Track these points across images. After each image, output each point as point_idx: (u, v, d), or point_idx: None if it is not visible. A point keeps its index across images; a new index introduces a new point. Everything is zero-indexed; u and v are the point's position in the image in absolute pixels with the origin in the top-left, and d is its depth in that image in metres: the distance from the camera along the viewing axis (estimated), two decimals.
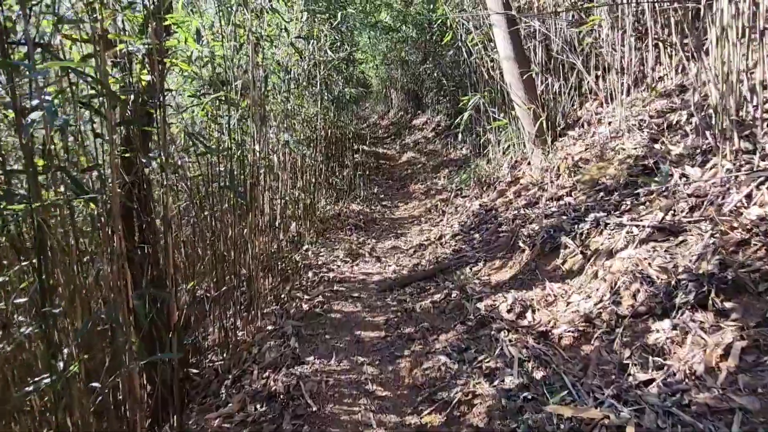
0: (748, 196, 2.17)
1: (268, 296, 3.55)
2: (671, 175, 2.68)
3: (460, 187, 6.01)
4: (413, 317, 2.94)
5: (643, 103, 3.80)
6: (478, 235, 4.13)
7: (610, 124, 3.92)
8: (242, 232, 3.26)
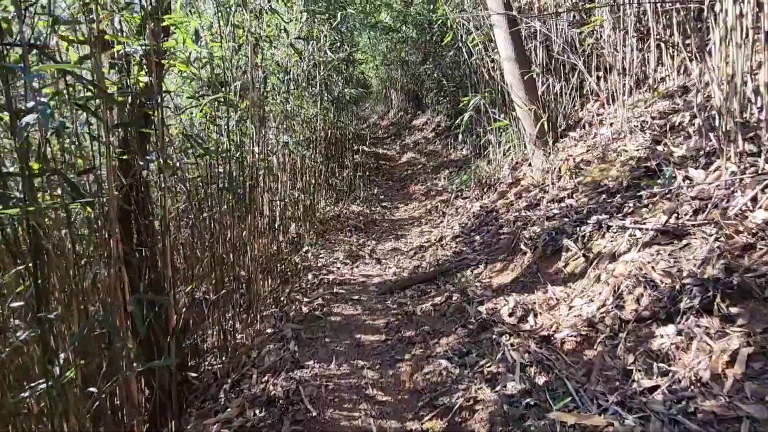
0: (753, 199, 2.14)
1: (267, 299, 3.53)
2: (674, 177, 2.66)
3: (460, 188, 5.98)
4: (414, 320, 2.92)
5: (645, 104, 3.77)
6: (478, 237, 4.10)
7: (611, 125, 3.89)
8: (241, 233, 3.24)
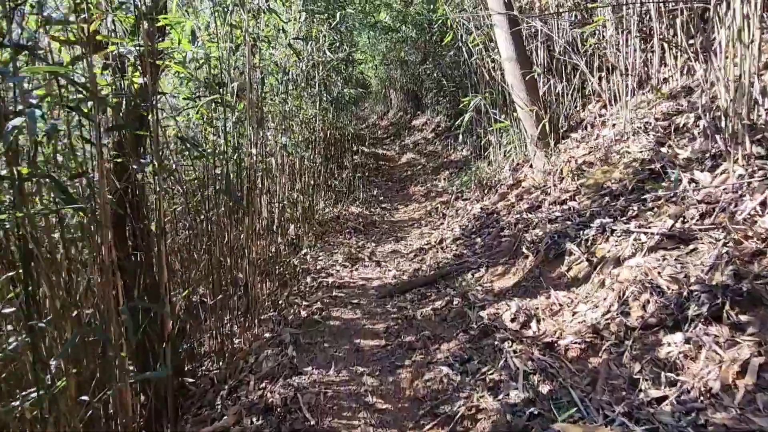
0: (762, 203, 2.09)
1: (265, 302, 3.48)
2: (681, 180, 2.61)
3: (460, 189, 5.93)
4: (414, 325, 2.87)
5: (648, 105, 3.72)
6: (479, 239, 4.06)
7: (614, 126, 3.85)
8: (239, 236, 3.19)
